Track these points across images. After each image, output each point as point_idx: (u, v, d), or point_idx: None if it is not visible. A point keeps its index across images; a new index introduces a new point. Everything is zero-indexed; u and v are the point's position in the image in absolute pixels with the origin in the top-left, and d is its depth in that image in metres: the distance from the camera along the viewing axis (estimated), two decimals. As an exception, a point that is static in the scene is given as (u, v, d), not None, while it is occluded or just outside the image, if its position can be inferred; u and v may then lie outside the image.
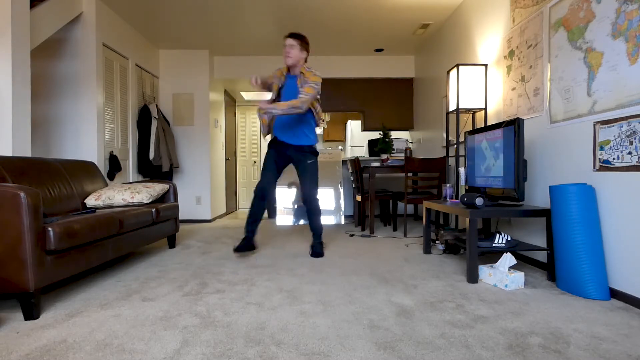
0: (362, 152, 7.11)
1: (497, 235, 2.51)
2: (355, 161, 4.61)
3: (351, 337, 1.58)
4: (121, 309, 1.94)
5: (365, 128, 6.29)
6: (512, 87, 3.14)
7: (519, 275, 2.24)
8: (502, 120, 3.28)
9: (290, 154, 3.16)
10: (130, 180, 4.74)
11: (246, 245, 3.12)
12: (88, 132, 3.93)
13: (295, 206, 5.75)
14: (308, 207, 3.16)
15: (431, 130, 5.33)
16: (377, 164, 4.51)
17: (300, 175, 3.17)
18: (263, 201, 3.12)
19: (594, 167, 2.21)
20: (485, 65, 3.54)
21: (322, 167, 5.38)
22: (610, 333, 1.62)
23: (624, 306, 1.95)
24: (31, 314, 1.81)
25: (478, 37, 3.81)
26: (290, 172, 4.91)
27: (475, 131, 3.00)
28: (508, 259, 2.28)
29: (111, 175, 4.19)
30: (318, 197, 3.18)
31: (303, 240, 3.98)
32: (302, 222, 5.37)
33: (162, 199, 3.52)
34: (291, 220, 5.44)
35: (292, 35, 3.02)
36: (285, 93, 3.11)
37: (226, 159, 6.77)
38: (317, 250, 3.14)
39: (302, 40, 3.03)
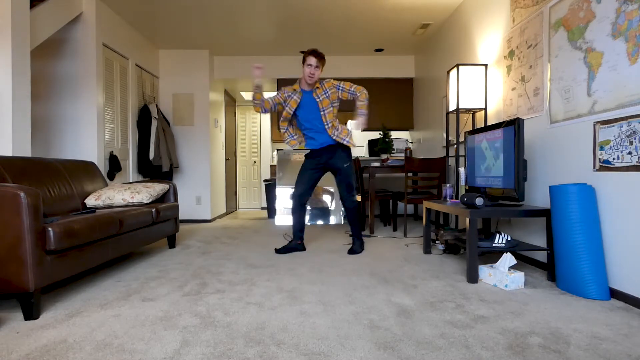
0: (362, 152, 7.10)
1: (497, 235, 2.51)
2: (355, 161, 4.61)
3: (351, 337, 1.58)
4: (121, 309, 1.94)
5: (365, 128, 6.28)
6: (512, 87, 3.14)
7: (519, 275, 2.24)
8: (502, 120, 3.28)
9: (325, 160, 3.29)
10: (130, 180, 4.74)
11: (289, 248, 3.33)
12: (88, 132, 3.93)
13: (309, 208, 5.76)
14: (346, 210, 3.33)
15: (431, 130, 5.33)
16: (377, 164, 4.51)
17: (337, 182, 3.32)
18: (302, 207, 3.33)
19: (594, 167, 2.21)
20: (485, 65, 3.53)
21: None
22: (610, 333, 1.62)
23: (624, 306, 1.95)
24: (31, 314, 1.81)
25: (478, 37, 3.81)
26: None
27: (475, 131, 3.00)
28: (508, 259, 2.28)
29: (111, 175, 4.19)
30: (354, 197, 3.31)
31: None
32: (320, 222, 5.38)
33: (162, 199, 3.52)
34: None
35: (318, 56, 3.09)
36: (305, 109, 3.25)
37: (226, 159, 6.77)
38: (353, 249, 3.29)
39: (324, 60, 3.16)
